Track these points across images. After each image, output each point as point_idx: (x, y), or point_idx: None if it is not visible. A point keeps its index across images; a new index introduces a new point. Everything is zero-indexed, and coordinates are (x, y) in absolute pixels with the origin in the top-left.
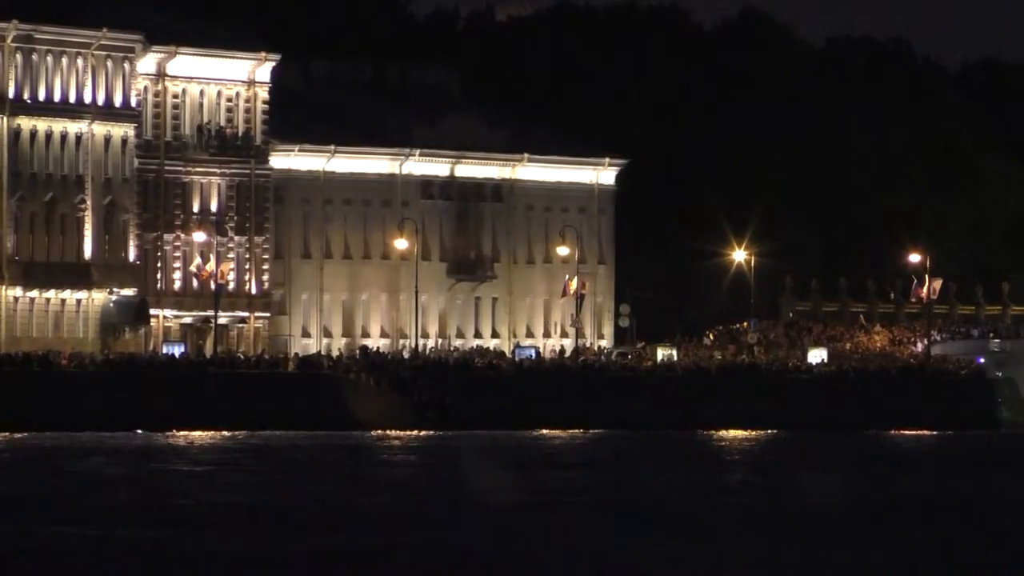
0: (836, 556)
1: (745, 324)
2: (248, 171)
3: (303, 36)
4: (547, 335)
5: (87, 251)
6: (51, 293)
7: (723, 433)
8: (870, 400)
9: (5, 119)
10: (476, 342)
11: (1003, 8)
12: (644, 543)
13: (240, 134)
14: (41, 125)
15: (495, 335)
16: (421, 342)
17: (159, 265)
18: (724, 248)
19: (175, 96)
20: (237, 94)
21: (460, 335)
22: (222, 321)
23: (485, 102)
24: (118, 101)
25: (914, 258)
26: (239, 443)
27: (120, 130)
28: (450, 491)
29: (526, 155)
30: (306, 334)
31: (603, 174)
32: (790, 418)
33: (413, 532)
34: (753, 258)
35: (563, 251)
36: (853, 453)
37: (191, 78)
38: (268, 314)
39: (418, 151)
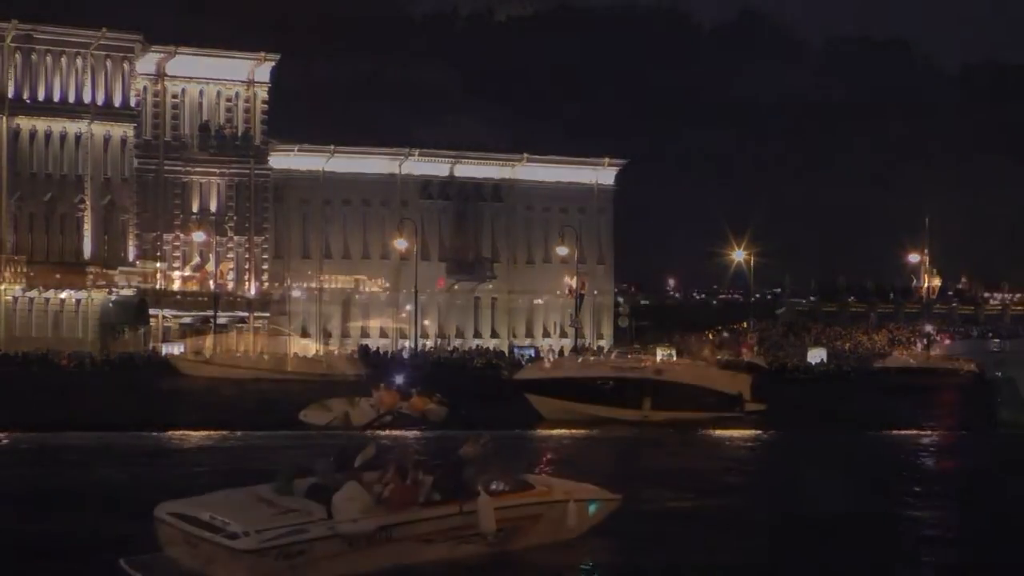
0: (835, 557)
1: (745, 324)
2: (247, 171)
3: (303, 36)
4: (546, 335)
5: (87, 251)
6: (50, 293)
7: (721, 433)
8: (869, 400)
9: (5, 119)
10: (475, 342)
11: (1003, 8)
12: None
13: (239, 134)
14: (41, 125)
15: (494, 335)
16: (420, 342)
17: (158, 265)
18: (724, 248)
19: (174, 96)
20: (236, 94)
21: (459, 335)
22: (221, 321)
23: (484, 102)
24: (117, 101)
25: (914, 258)
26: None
27: (119, 130)
28: None
29: (525, 155)
30: (305, 334)
31: (602, 174)
32: (789, 418)
33: None
34: (753, 258)
35: (562, 251)
36: (851, 453)
37: (190, 78)
38: (267, 314)
39: (417, 151)
